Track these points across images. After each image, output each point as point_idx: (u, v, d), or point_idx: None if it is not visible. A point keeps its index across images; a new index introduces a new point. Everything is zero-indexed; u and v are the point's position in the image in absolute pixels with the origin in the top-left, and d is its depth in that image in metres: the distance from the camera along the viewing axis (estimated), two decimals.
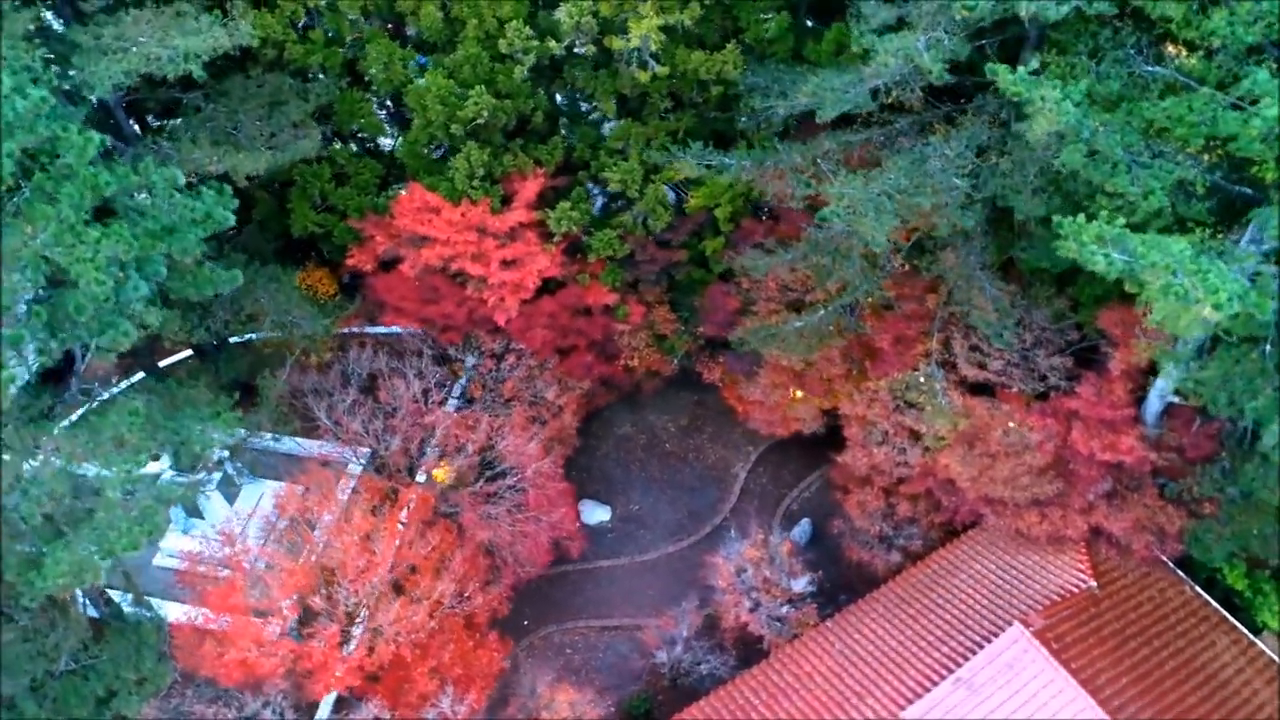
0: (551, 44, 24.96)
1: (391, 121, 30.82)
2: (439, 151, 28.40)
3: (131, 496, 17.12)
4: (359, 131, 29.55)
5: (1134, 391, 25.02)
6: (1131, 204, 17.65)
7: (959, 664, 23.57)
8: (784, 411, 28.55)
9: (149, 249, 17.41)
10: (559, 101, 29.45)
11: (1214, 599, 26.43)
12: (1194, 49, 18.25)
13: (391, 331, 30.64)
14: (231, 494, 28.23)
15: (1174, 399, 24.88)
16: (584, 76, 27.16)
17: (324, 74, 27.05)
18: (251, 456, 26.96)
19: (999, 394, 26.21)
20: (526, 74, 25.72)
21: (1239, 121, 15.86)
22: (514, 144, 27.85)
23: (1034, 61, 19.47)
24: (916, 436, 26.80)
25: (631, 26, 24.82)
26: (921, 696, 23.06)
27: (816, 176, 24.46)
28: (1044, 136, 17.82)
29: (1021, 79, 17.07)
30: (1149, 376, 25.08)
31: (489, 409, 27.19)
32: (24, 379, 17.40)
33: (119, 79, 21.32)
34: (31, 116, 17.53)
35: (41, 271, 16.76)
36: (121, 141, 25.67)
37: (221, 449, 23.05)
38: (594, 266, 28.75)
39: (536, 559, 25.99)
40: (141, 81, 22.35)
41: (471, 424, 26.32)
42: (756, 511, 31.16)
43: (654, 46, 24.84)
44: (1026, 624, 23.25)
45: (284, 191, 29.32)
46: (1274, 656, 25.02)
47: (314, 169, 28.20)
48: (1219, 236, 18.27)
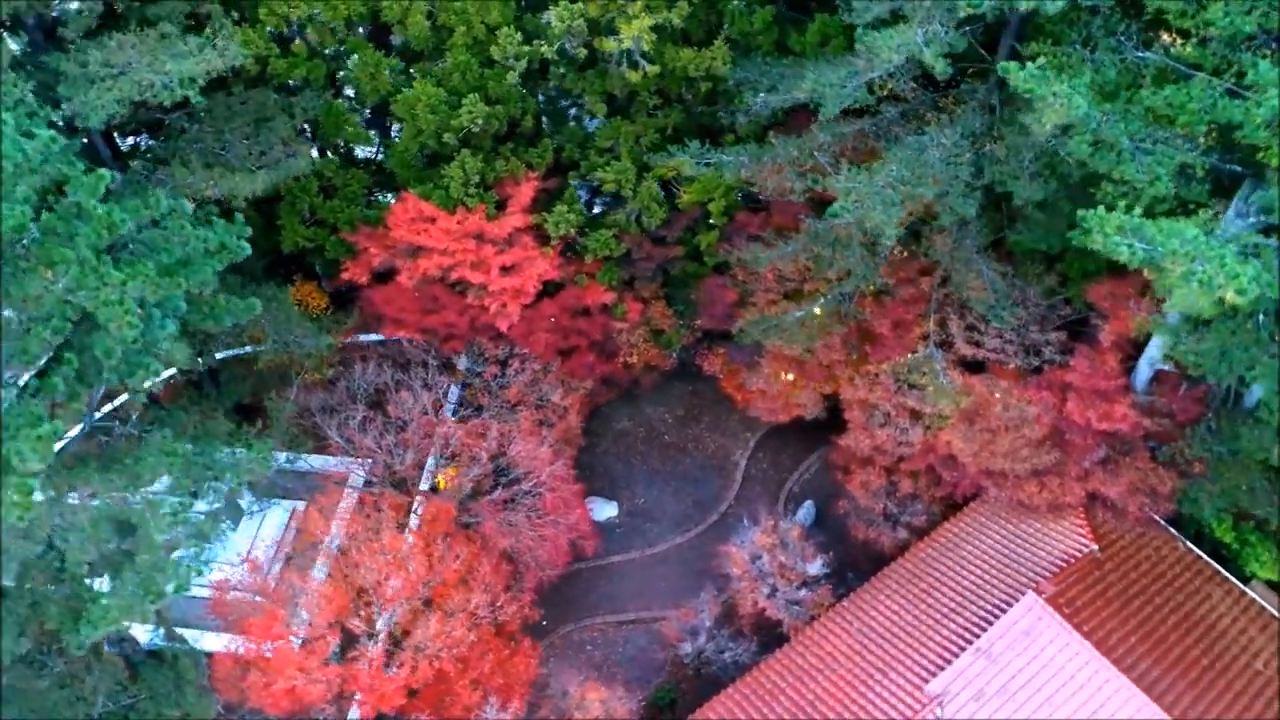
0: (544, 49, 24.89)
1: (373, 129, 30.41)
2: (425, 159, 28.17)
3: (173, 535, 16.94)
4: (346, 143, 29.14)
5: (1124, 361, 26.05)
6: (1137, 190, 18.35)
7: (975, 634, 24.46)
8: (786, 399, 29.07)
9: (174, 288, 17.11)
10: (541, 102, 29.37)
11: (1203, 552, 27.74)
12: (1187, 36, 18.94)
13: (373, 340, 30.42)
14: (236, 519, 27.89)
15: (1163, 366, 25.95)
16: (572, 78, 27.13)
17: (308, 87, 26.58)
18: (268, 480, 26.68)
19: (993, 370, 27.08)
20: (517, 79, 25.63)
21: (1242, 110, 16.59)
22: (504, 148, 27.76)
23: (1022, 48, 20.00)
24: (917, 416, 27.53)
25: (621, 27, 24.86)
26: (943, 669, 23.89)
27: (814, 169, 24.86)
28: (1050, 128, 18.34)
29: (1031, 75, 17.58)
30: (1137, 346, 26.16)
31: (496, 416, 27.24)
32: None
33: (112, 108, 20.82)
34: (40, 157, 17.16)
35: (68, 318, 16.41)
36: (101, 167, 25.01)
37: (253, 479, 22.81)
38: (590, 266, 28.87)
39: (556, 561, 26.26)
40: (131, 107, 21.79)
41: (481, 432, 26.36)
42: (759, 497, 31.73)
43: (646, 47, 24.92)
44: (1039, 592, 24.17)
45: (270, 207, 28.84)
46: (1265, 604, 26.37)
47: (302, 183, 27.81)
48: (1219, 217, 19.07)
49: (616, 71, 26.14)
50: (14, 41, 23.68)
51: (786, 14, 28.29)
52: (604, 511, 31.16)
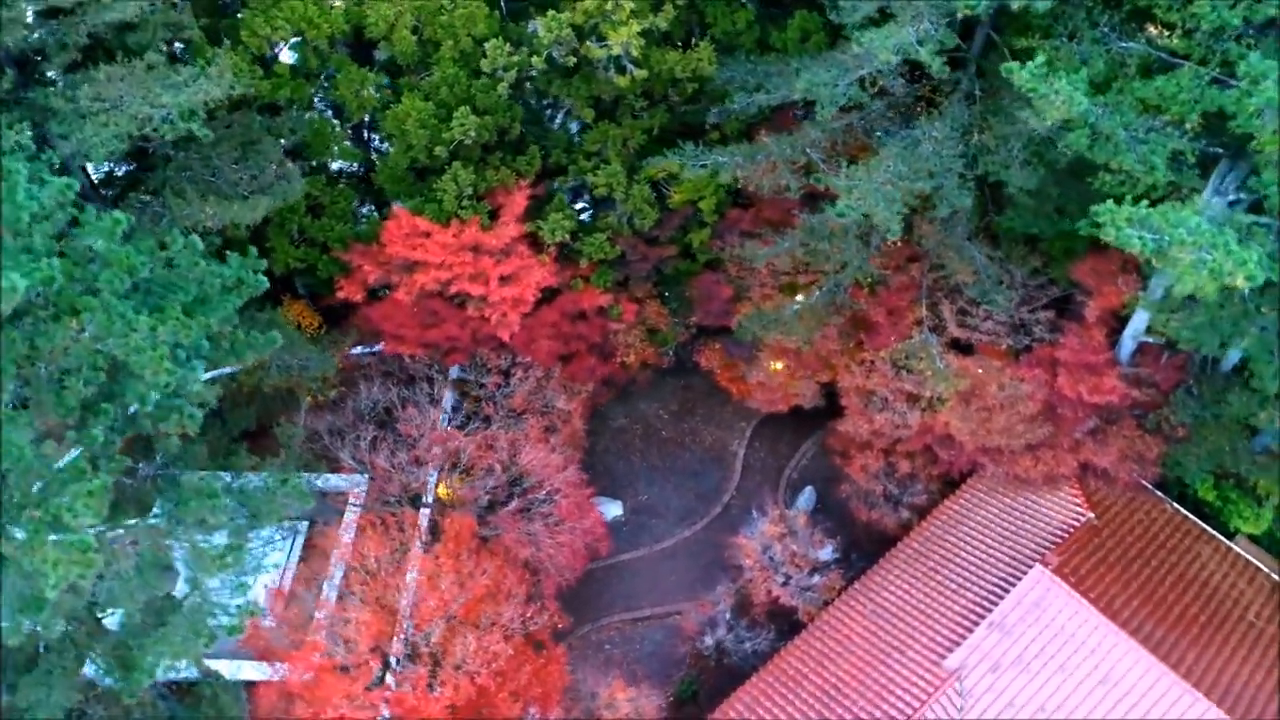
0: (534, 59, 24.92)
1: (356, 145, 30.16)
2: (414, 172, 28.04)
3: (222, 575, 16.92)
4: (331, 161, 28.88)
5: (1109, 336, 27.07)
6: (1134, 179, 19.11)
7: (986, 608, 25.38)
8: (785, 390, 29.64)
9: (203, 329, 16.97)
10: (525, 108, 29.36)
11: (1187, 512, 29.02)
12: (1171, 28, 19.70)
13: (374, 350, 30.29)
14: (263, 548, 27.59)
15: (1146, 339, 27.03)
16: (558, 84, 27.18)
17: (293, 107, 26.28)
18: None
19: (983, 350, 27.92)
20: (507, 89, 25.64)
21: (1233, 99, 17.38)
22: (492, 158, 27.76)
23: (1000, 39, 20.62)
24: (915, 399, 28.29)
25: (609, 34, 24.99)
26: (959, 644, 24.77)
27: (807, 167, 25.33)
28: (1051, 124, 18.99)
29: (1032, 74, 18.17)
30: (1120, 320, 27.19)
31: (504, 425, 27.39)
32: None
33: (112, 145, 20.42)
34: (53, 204, 16.90)
35: (99, 367, 16.22)
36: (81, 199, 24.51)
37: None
38: (584, 270, 29.06)
39: (575, 565, 26.58)
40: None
41: (491, 444, 26.49)
42: (760, 486, 32.36)
43: (635, 52, 25.08)
44: (1045, 564, 25.14)
45: (257, 230, 28.41)
46: (1250, 558, 27.73)
47: (290, 203, 27.44)
48: (1195, 194, 19.94)
49: (604, 76, 26.27)
50: None
51: (764, 11, 28.64)
52: (610, 511, 31.52)
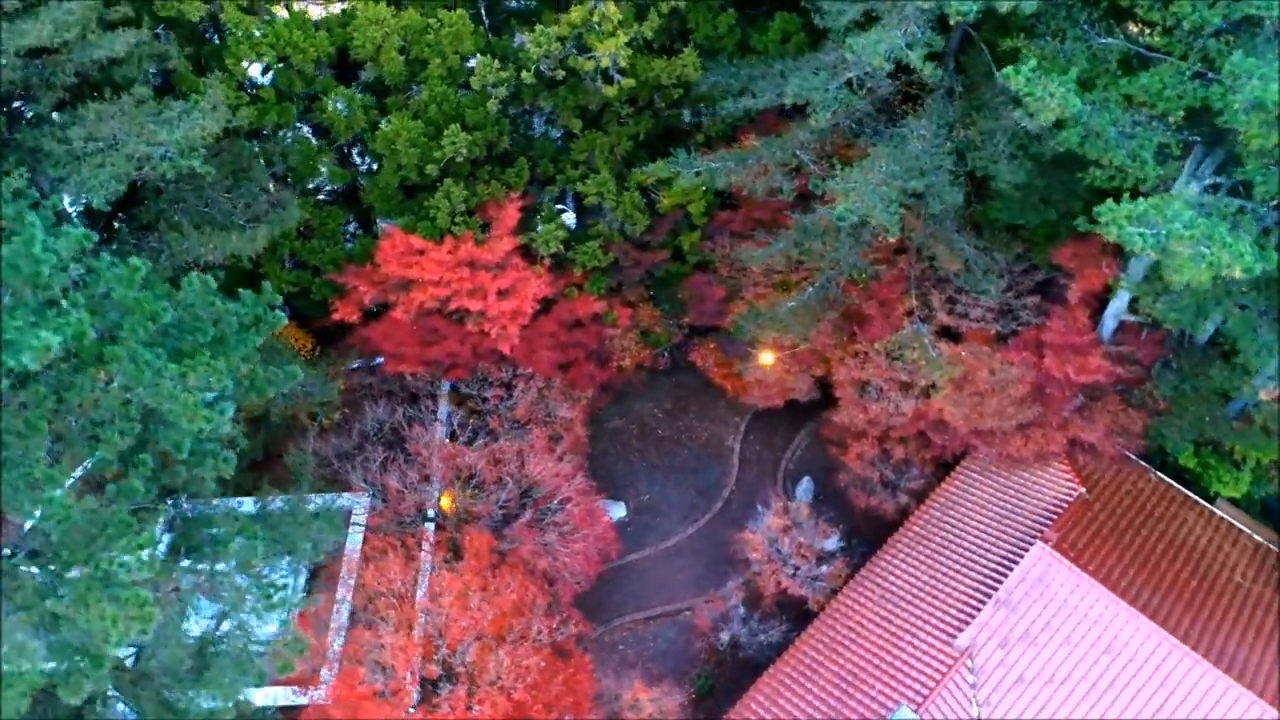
0: (524, 74, 25.02)
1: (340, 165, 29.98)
2: (404, 191, 28.01)
3: (269, 617, 17.03)
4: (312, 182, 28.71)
5: (1091, 316, 28.06)
6: (1124, 173, 19.87)
7: (991, 586, 26.29)
8: (781, 385, 30.23)
9: (232, 372, 16.98)
10: (510, 120, 29.43)
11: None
12: (1152, 25, 20.45)
13: (376, 363, 30.29)
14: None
15: (1127, 317, 28.05)
16: (545, 96, 27.29)
17: (280, 131, 26.08)
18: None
19: (970, 336, 28.74)
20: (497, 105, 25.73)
21: (1219, 95, 18.16)
22: (482, 171, 27.83)
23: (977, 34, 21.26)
24: (908, 387, 29.06)
25: (596, 45, 25.16)
26: (968, 623, 25.65)
27: (799, 169, 25.80)
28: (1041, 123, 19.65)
29: (1026, 76, 18.77)
30: (1100, 300, 28.18)
31: (510, 437, 27.61)
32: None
33: (112, 186, 20.18)
34: (70, 255, 16.76)
35: (132, 418, 16.19)
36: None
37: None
38: (578, 279, 29.30)
39: (589, 572, 26.97)
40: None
41: (499, 457, 26.72)
42: (759, 478, 32.98)
43: (623, 63, 25.29)
44: (1045, 540, 26.09)
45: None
46: (1233, 521, 29.00)
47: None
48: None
49: (593, 87, 26.45)
50: None
51: (743, 14, 28.96)
52: (614, 512, 31.90)
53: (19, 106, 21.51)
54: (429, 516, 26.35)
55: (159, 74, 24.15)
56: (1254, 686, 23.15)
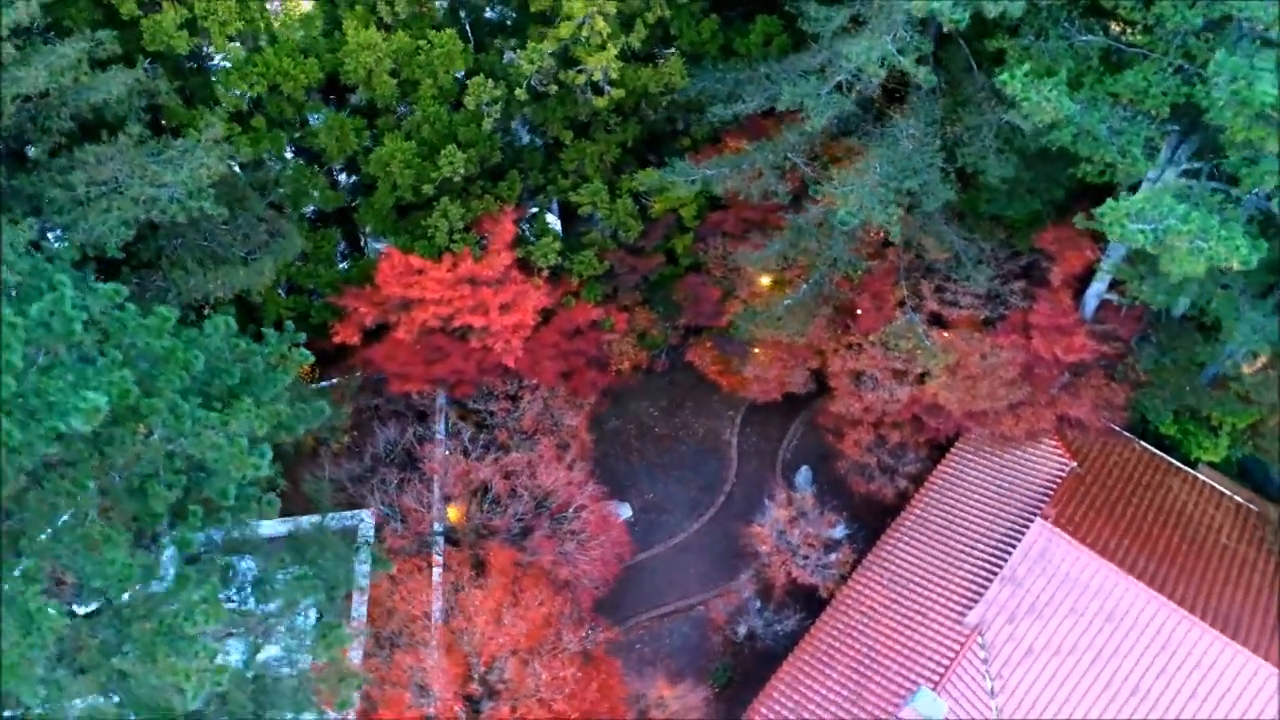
0: (518, 91, 25.17)
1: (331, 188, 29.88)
2: (398, 210, 28.06)
3: (321, 652, 17.30)
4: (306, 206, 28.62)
5: (1074, 297, 29.08)
6: (1114, 168, 20.70)
7: (995, 564, 27.30)
8: (779, 379, 30.89)
9: (273, 416, 17.11)
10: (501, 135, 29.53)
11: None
12: (1134, 24, 21.23)
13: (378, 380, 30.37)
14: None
15: (1108, 297, 29.13)
16: (535, 109, 27.47)
17: (271, 159, 25.96)
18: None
19: (958, 322, 29.61)
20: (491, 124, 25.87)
21: (1204, 93, 18.99)
22: (475, 187, 27.96)
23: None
24: (902, 375, 29.89)
25: (586, 58, 25.39)
26: (976, 601, 26.65)
27: (791, 171, 26.33)
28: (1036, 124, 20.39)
29: (1021, 81, 19.45)
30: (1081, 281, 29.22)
31: (520, 449, 27.93)
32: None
33: (120, 233, 20.03)
34: (98, 310, 16.75)
35: (178, 470, 16.28)
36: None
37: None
38: (574, 287, 29.61)
39: (607, 576, 27.46)
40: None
41: (510, 470, 27.04)
42: (758, 470, 33.68)
43: (613, 75, 25.55)
44: (1044, 516, 27.14)
45: None
46: (1215, 485, 30.35)
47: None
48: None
49: (583, 99, 26.68)
50: None
51: (725, 17, 29.31)
52: (621, 513, 32.39)
53: (18, 149, 21.20)
54: (438, 531, 26.64)
55: (147, 109, 23.83)
56: (1252, 645, 24.40)
